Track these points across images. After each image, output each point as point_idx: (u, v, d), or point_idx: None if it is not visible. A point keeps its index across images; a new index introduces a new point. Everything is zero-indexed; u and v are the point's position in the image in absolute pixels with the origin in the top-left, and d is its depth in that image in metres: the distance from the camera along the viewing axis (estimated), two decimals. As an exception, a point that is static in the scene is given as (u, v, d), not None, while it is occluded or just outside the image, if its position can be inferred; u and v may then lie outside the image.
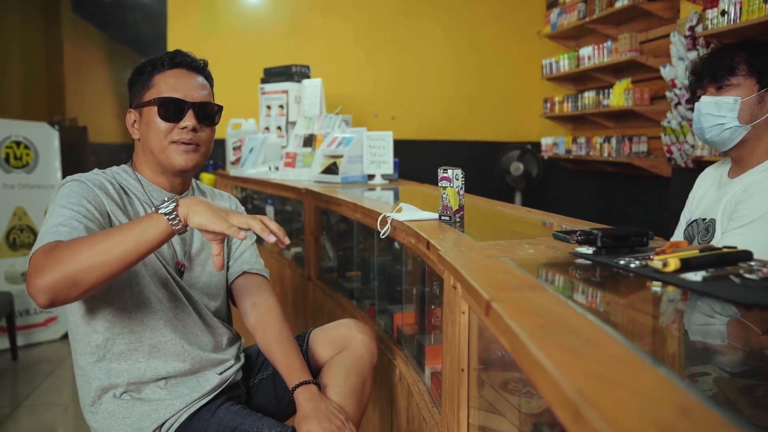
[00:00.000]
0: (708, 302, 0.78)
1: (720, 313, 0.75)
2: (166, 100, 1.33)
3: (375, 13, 5.04)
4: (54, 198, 1.23)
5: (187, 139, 1.34)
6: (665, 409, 0.42)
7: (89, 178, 1.29)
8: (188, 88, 1.36)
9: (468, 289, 0.88)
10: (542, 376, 0.51)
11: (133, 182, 1.37)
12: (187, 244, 1.43)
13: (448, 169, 1.46)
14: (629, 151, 3.99)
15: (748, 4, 2.71)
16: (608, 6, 3.99)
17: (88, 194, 1.23)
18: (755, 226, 1.36)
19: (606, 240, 1.03)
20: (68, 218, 1.15)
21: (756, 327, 0.72)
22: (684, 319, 0.77)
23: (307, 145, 3.22)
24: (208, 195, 1.54)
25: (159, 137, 1.34)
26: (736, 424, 0.40)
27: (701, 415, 0.42)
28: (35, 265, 1.04)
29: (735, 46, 1.52)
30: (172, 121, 1.33)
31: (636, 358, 0.53)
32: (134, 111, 1.39)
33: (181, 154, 1.34)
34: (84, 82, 4.98)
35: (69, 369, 3.63)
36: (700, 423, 0.41)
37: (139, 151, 1.40)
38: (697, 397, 0.44)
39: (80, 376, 1.32)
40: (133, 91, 1.40)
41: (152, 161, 1.38)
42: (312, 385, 1.35)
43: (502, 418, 1.01)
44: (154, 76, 1.36)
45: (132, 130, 1.40)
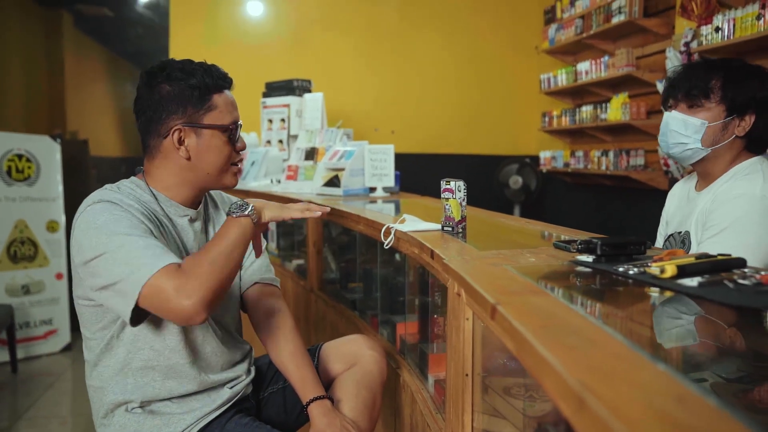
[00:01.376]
0: (703, 306, 0.81)
1: (712, 316, 0.78)
2: (235, 127, 1.33)
3: (375, 29, 5.11)
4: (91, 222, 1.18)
5: (241, 159, 1.38)
6: (663, 399, 0.45)
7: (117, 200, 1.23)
8: (237, 110, 1.36)
9: (473, 295, 0.91)
10: (547, 371, 0.54)
11: (148, 198, 1.31)
12: None
13: (450, 181, 1.49)
14: (626, 164, 4.04)
15: (741, 21, 2.77)
16: (605, 22, 4.05)
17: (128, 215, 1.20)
18: (726, 233, 1.41)
19: (605, 248, 1.07)
20: (149, 243, 1.14)
21: (745, 326, 0.75)
22: (679, 321, 0.80)
23: (309, 158, 3.26)
24: (218, 201, 1.53)
25: (223, 162, 1.33)
26: (727, 410, 0.43)
27: (696, 402, 0.45)
28: (174, 288, 1.07)
29: (714, 64, 1.55)
30: (234, 145, 1.34)
31: (635, 355, 0.56)
32: (188, 129, 1.29)
33: (234, 176, 1.37)
34: (85, 95, 5.03)
35: (69, 382, 3.63)
36: (695, 410, 0.44)
37: (170, 167, 1.31)
38: (692, 387, 0.47)
39: (95, 388, 1.32)
40: (181, 105, 1.28)
41: (193, 179, 1.33)
42: (326, 400, 1.37)
43: (505, 422, 1.04)
44: (212, 95, 1.31)
45: (178, 149, 1.29)
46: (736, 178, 1.51)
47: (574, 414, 0.48)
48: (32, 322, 3.98)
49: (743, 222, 1.40)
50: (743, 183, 1.46)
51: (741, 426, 0.41)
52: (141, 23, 4.98)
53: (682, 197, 1.70)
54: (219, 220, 1.48)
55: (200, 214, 1.41)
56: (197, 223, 1.39)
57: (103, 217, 1.17)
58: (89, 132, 4.95)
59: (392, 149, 2.88)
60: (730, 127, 1.49)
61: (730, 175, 1.53)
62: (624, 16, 3.82)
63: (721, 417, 0.43)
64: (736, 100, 1.47)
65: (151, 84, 1.30)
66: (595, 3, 4.21)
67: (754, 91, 1.47)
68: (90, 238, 1.16)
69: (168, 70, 1.30)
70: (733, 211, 1.43)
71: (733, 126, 1.49)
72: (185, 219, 1.36)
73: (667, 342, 0.72)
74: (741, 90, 1.48)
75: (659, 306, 0.86)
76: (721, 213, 1.46)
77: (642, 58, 3.96)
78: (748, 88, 1.48)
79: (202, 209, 1.42)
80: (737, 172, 1.52)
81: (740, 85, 1.48)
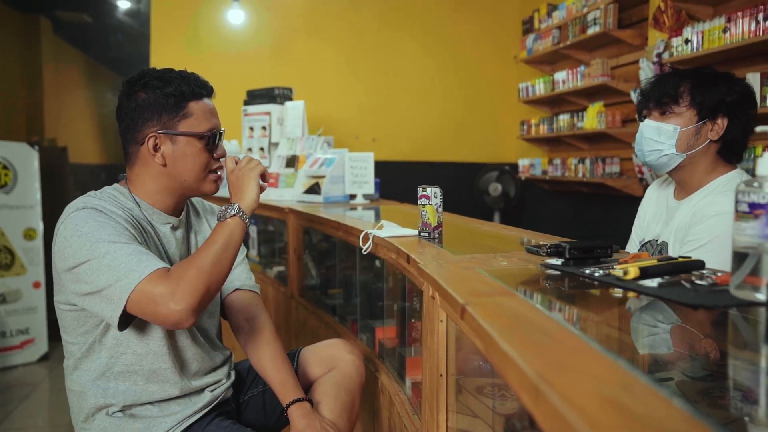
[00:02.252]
0: (660, 305, 0.85)
1: (667, 316, 0.83)
2: (213, 134, 1.34)
3: (357, 38, 5.16)
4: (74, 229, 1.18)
5: (220, 167, 1.38)
6: (611, 387, 0.49)
7: (100, 206, 1.24)
8: (216, 118, 1.37)
9: (445, 296, 0.95)
10: (510, 366, 0.58)
11: (131, 205, 1.32)
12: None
13: (427, 188, 1.53)
14: (602, 171, 4.12)
15: (708, 34, 2.87)
16: (581, 33, 4.14)
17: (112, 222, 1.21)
18: (706, 248, 1.43)
19: (573, 252, 1.11)
20: (134, 250, 1.16)
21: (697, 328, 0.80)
22: (637, 318, 0.84)
23: (290, 165, 3.28)
24: (200, 209, 1.55)
25: (199, 169, 1.33)
26: (669, 396, 0.47)
27: (641, 389, 0.49)
28: (163, 294, 1.11)
29: (683, 72, 1.59)
30: (213, 152, 1.35)
31: (591, 349, 0.60)
32: (161, 136, 1.30)
33: (213, 183, 1.38)
34: (64, 102, 4.99)
35: (45, 392, 3.58)
36: (640, 396, 0.48)
37: (150, 174, 1.33)
38: (639, 376, 0.51)
39: (75, 393, 1.32)
40: (156, 112, 1.30)
41: (171, 186, 1.34)
42: (306, 402, 1.39)
43: (478, 420, 1.07)
44: (188, 103, 1.32)
45: (154, 156, 1.31)
46: (716, 192, 1.52)
47: (533, 404, 0.51)
48: (8, 332, 3.93)
49: (722, 240, 1.40)
50: (723, 200, 1.47)
51: (680, 411, 0.45)
52: (121, 30, 4.97)
53: (660, 203, 1.72)
54: (201, 227, 1.50)
55: (182, 222, 1.42)
56: (179, 231, 1.41)
57: (88, 225, 1.18)
58: (68, 139, 4.92)
59: (372, 157, 2.92)
60: (703, 131, 1.52)
61: (710, 189, 1.55)
62: (599, 28, 3.91)
63: (663, 402, 0.46)
64: (705, 104, 1.51)
65: (129, 92, 1.32)
66: (571, 14, 4.30)
67: (722, 95, 1.50)
68: (74, 245, 1.17)
69: (146, 79, 1.32)
70: (713, 229, 1.45)
71: (706, 130, 1.52)
72: (167, 227, 1.38)
73: (623, 337, 0.76)
74: (709, 94, 1.51)
75: (620, 305, 0.90)
76: (701, 229, 1.48)
77: (617, 68, 4.05)
78: (716, 92, 1.51)
79: (184, 217, 1.43)
80: (718, 186, 1.54)
81: (708, 89, 1.52)
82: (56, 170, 4.62)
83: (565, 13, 4.40)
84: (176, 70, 1.36)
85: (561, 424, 0.45)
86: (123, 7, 4.95)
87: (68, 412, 1.39)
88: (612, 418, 0.43)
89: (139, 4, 4.92)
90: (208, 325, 1.47)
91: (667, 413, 0.45)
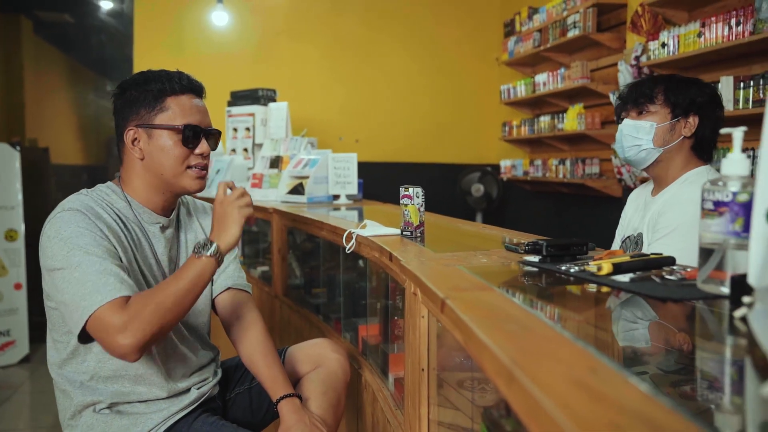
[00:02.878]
0: (631, 299, 0.90)
1: (637, 309, 0.87)
2: (190, 128, 1.34)
3: (341, 40, 5.19)
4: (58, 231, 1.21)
5: (203, 164, 1.38)
6: (579, 370, 0.53)
7: (87, 209, 1.26)
8: (201, 115, 1.38)
9: (426, 292, 0.98)
10: (486, 353, 0.61)
11: (124, 205, 1.35)
12: (174, 263, 1.46)
13: (409, 188, 1.56)
14: (582, 172, 4.19)
15: (684, 38, 2.94)
16: (561, 36, 4.21)
17: (94, 229, 1.23)
18: (673, 235, 1.55)
19: (550, 249, 1.15)
20: (105, 268, 1.18)
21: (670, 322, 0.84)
22: (607, 311, 0.88)
23: (274, 166, 3.30)
24: (192, 208, 1.56)
25: (175, 163, 1.34)
26: (632, 379, 0.51)
27: (606, 372, 0.52)
28: (115, 325, 1.12)
29: (657, 77, 1.73)
30: (190, 147, 1.35)
31: (562, 338, 0.64)
32: (139, 129, 1.34)
33: (195, 180, 1.37)
34: (45, 103, 4.95)
35: (27, 394, 3.56)
36: (606, 378, 0.51)
37: (135, 170, 1.36)
38: (605, 361, 0.55)
39: (62, 391, 1.34)
40: (133, 108, 1.34)
41: (155, 182, 1.36)
42: (295, 398, 1.41)
43: (458, 413, 1.10)
44: (166, 98, 1.34)
45: (133, 150, 1.34)
46: (686, 183, 1.65)
47: (506, 387, 0.55)
48: (-12, 334, 3.90)
49: (688, 226, 1.52)
50: (690, 189, 1.59)
51: (638, 390, 0.48)
52: (104, 31, 4.94)
53: (639, 202, 1.84)
54: (191, 226, 1.52)
55: (172, 222, 1.44)
56: (169, 231, 1.43)
57: (69, 229, 1.21)
58: (50, 140, 4.87)
59: (355, 158, 2.95)
60: (677, 127, 1.65)
61: (681, 181, 1.67)
62: (579, 31, 3.98)
63: (626, 383, 0.50)
64: (678, 103, 1.64)
65: (117, 93, 1.37)
66: (551, 17, 4.36)
67: (694, 95, 1.64)
68: (53, 247, 1.20)
69: (132, 79, 1.37)
70: (680, 216, 1.56)
71: (679, 127, 1.65)
72: (156, 227, 1.40)
73: (593, 327, 0.80)
74: (682, 94, 1.65)
75: (593, 299, 0.94)
76: (668, 217, 1.60)
77: (596, 71, 4.12)
78: (688, 92, 1.65)
79: (174, 216, 1.45)
80: (687, 178, 1.66)
81: (681, 90, 1.66)
82: (38, 171, 4.58)
83: (545, 17, 4.46)
84: (165, 70, 1.38)
85: (532, 405, 0.48)
86: (105, 7, 4.92)
87: (50, 413, 1.41)
88: (579, 398, 0.47)
89: (122, 4, 4.89)
90: (198, 323, 1.49)
91: (630, 393, 0.48)
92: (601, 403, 0.46)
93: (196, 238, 1.51)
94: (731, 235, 0.83)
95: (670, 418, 0.43)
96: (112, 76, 4.96)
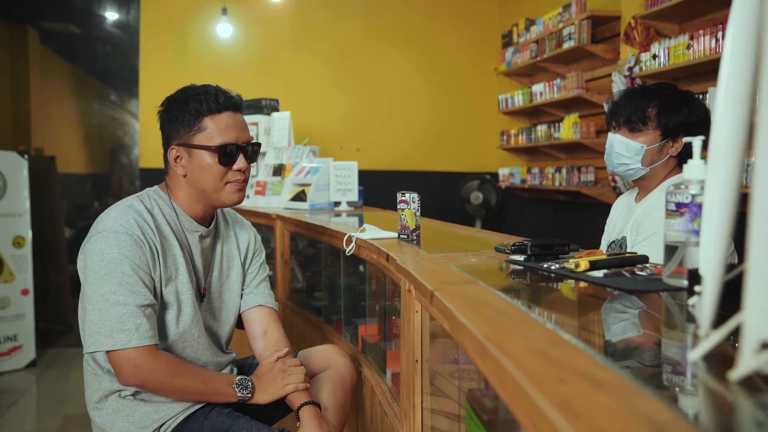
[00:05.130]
0: (604, 291, 0.99)
1: (606, 300, 0.96)
2: (224, 147, 1.41)
3: (342, 51, 5.31)
4: (101, 254, 1.31)
5: (242, 179, 1.46)
6: (541, 343, 0.61)
7: (133, 233, 1.35)
8: (238, 131, 1.45)
9: (418, 286, 1.07)
10: (465, 333, 0.70)
11: (170, 213, 1.46)
12: (208, 271, 1.56)
13: (405, 193, 1.66)
14: (578, 180, 4.28)
15: (674, 50, 3.04)
16: (557, 47, 4.32)
17: (138, 259, 1.33)
18: (654, 238, 1.63)
19: (535, 249, 1.24)
20: (136, 308, 1.31)
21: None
22: (578, 301, 0.97)
23: (277, 174, 3.40)
24: (230, 220, 1.66)
25: (214, 180, 1.43)
26: (589, 352, 0.59)
27: (564, 345, 0.61)
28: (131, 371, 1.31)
29: (651, 92, 1.76)
30: (227, 165, 1.43)
31: (532, 320, 0.72)
32: (180, 148, 1.43)
33: (235, 193, 1.47)
34: (51, 112, 5.05)
35: (33, 398, 3.62)
36: (565, 350, 0.60)
37: (179, 183, 1.46)
38: (566, 336, 0.64)
39: (91, 374, 1.44)
40: (175, 126, 1.43)
41: (197, 195, 1.46)
42: (315, 406, 1.49)
43: (449, 400, 1.19)
44: (203, 117, 1.42)
45: (176, 167, 1.44)
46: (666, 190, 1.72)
47: (480, 359, 0.63)
48: (-4, 338, 3.98)
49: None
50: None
51: (587, 356, 0.57)
52: (110, 41, 5.05)
53: (624, 208, 1.92)
54: (228, 237, 1.63)
55: (211, 232, 1.55)
56: (207, 240, 1.54)
57: (114, 252, 1.32)
58: (56, 149, 4.97)
59: (356, 165, 3.04)
60: (665, 148, 1.72)
61: (663, 187, 1.74)
62: (574, 42, 4.09)
63: (579, 352, 0.59)
64: (669, 126, 1.70)
65: (162, 109, 1.48)
66: (548, 29, 4.47)
67: (684, 117, 1.71)
68: (93, 265, 1.32)
69: (174, 96, 1.46)
70: (658, 221, 1.63)
71: (667, 147, 1.72)
72: (196, 235, 1.50)
73: (562, 312, 0.89)
74: (673, 116, 1.70)
75: (568, 292, 1.03)
76: (650, 221, 1.68)
77: (591, 81, 4.23)
78: (679, 115, 1.70)
79: (213, 227, 1.56)
80: (669, 184, 1.73)
81: (673, 111, 1.71)
82: (44, 179, 4.68)
83: (542, 28, 4.57)
84: (203, 86, 1.46)
85: (499, 370, 0.57)
86: (111, 18, 5.03)
87: (57, 417, 1.51)
88: (536, 362, 0.55)
89: (128, 16, 5.01)
90: (221, 332, 1.59)
91: (580, 359, 0.57)
92: (554, 365, 0.55)
93: (230, 251, 1.62)
94: (691, 233, 0.92)
95: (607, 375, 0.52)
96: (117, 86, 5.07)
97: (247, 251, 1.66)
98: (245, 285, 1.65)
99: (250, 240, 1.67)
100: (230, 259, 1.62)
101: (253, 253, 1.68)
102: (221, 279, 1.59)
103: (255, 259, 1.68)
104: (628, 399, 0.47)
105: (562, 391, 0.48)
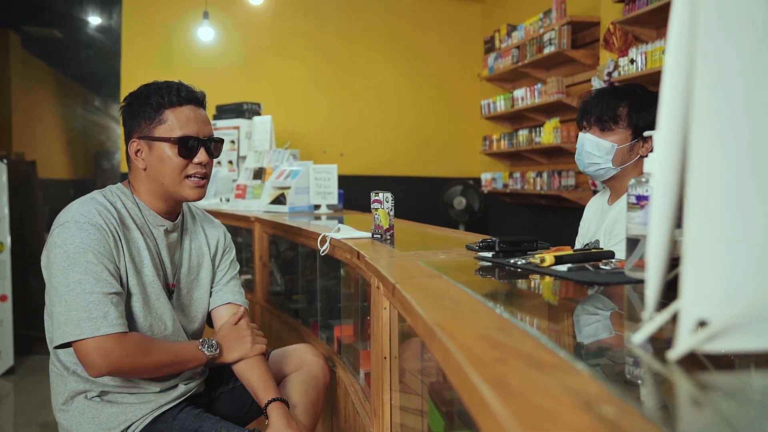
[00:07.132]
0: (564, 284, 0.99)
1: (565, 292, 0.96)
2: (185, 139, 1.40)
3: (325, 55, 5.32)
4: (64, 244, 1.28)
5: (201, 173, 1.45)
6: (489, 329, 0.62)
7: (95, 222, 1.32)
8: (200, 125, 1.44)
9: (383, 281, 1.07)
10: (418, 321, 0.70)
11: (133, 207, 1.44)
12: (176, 266, 1.54)
13: (379, 193, 1.66)
14: (559, 184, 4.31)
15: (651, 55, 3.08)
16: (538, 52, 4.36)
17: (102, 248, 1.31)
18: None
19: (502, 245, 1.25)
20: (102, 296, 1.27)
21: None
22: (538, 292, 0.98)
23: (257, 177, 3.39)
24: (198, 217, 1.65)
25: (173, 173, 1.42)
26: (534, 335, 0.60)
27: (514, 330, 0.61)
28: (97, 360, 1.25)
29: (622, 92, 1.76)
30: (187, 158, 1.42)
31: (486, 309, 0.73)
32: (140, 141, 1.42)
33: (194, 188, 1.45)
34: (33, 117, 5.00)
35: (11, 406, 3.57)
36: (512, 334, 0.60)
37: (140, 178, 1.45)
38: (513, 321, 0.64)
39: (57, 375, 1.41)
40: (136, 120, 1.43)
41: (158, 190, 1.45)
42: (283, 403, 1.47)
43: (417, 397, 1.19)
44: (164, 110, 1.41)
45: (136, 160, 1.43)
46: None
47: (430, 343, 0.64)
48: (-27, 345, 3.92)
49: None
50: None
51: (532, 339, 0.57)
52: (92, 46, 5.02)
53: (596, 210, 1.92)
54: (197, 233, 1.61)
55: (177, 226, 1.53)
56: (173, 235, 1.52)
57: (76, 242, 1.29)
58: (37, 154, 4.93)
59: (335, 169, 3.04)
60: (635, 148, 1.72)
61: None
62: (554, 48, 4.12)
63: (525, 336, 0.59)
64: (639, 125, 1.70)
65: (123, 106, 1.47)
66: (529, 34, 4.51)
67: (655, 116, 1.68)
68: (57, 256, 1.29)
69: (137, 92, 1.45)
70: None
71: (638, 147, 1.71)
72: (161, 229, 1.49)
73: (519, 301, 0.90)
74: (644, 116, 1.70)
75: (529, 285, 1.04)
76: (623, 224, 1.66)
77: (571, 86, 4.26)
78: (650, 114, 1.69)
79: (179, 221, 1.54)
80: None
81: (644, 111, 1.71)
82: (25, 184, 4.63)
83: (523, 34, 4.61)
84: (165, 81, 1.46)
85: (446, 354, 0.57)
86: (94, 23, 5.01)
87: (35, 425, 1.47)
88: (481, 345, 0.56)
89: (110, 20, 4.99)
90: (189, 329, 1.57)
91: (525, 342, 0.57)
92: (497, 348, 0.55)
93: (199, 247, 1.60)
94: (650, 226, 0.93)
95: (548, 356, 0.52)
96: (99, 91, 5.04)
97: (217, 248, 1.64)
98: (215, 282, 1.63)
99: (219, 237, 1.66)
100: (200, 256, 1.60)
101: (224, 250, 1.66)
102: (190, 276, 1.57)
103: (225, 256, 1.66)
104: (564, 378, 0.47)
105: (500, 370, 0.48)
